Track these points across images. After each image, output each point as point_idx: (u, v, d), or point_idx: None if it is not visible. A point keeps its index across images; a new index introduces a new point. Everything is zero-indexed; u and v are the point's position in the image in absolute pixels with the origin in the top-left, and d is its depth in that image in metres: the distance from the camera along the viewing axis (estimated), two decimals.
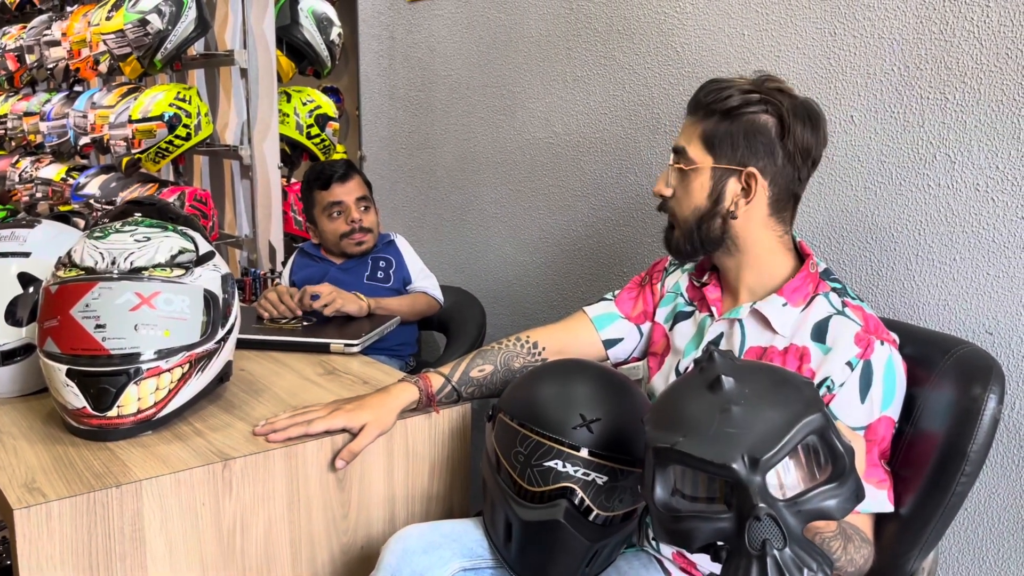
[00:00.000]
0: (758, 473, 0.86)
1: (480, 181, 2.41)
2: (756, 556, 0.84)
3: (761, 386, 0.93)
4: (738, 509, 0.86)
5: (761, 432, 0.87)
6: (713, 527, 0.88)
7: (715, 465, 0.86)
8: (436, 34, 2.53)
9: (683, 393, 0.96)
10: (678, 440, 0.89)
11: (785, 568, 0.84)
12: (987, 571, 1.45)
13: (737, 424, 0.88)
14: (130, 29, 2.57)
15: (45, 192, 3.76)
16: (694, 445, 0.88)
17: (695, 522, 0.89)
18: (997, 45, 1.36)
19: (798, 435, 0.88)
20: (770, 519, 0.85)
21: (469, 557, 1.27)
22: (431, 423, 1.45)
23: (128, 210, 1.69)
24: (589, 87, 2.07)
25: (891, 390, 1.19)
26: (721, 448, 0.87)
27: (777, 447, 0.86)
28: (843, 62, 1.56)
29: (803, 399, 0.91)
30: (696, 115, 1.27)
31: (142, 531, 1.18)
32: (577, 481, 1.17)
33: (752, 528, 0.85)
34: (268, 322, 1.92)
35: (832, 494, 0.89)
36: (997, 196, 1.38)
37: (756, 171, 1.23)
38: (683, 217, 1.29)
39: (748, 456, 0.86)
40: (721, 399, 0.91)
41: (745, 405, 0.90)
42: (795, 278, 1.26)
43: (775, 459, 0.86)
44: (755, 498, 0.85)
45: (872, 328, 1.21)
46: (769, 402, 0.90)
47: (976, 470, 1.19)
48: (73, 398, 1.27)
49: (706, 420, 0.90)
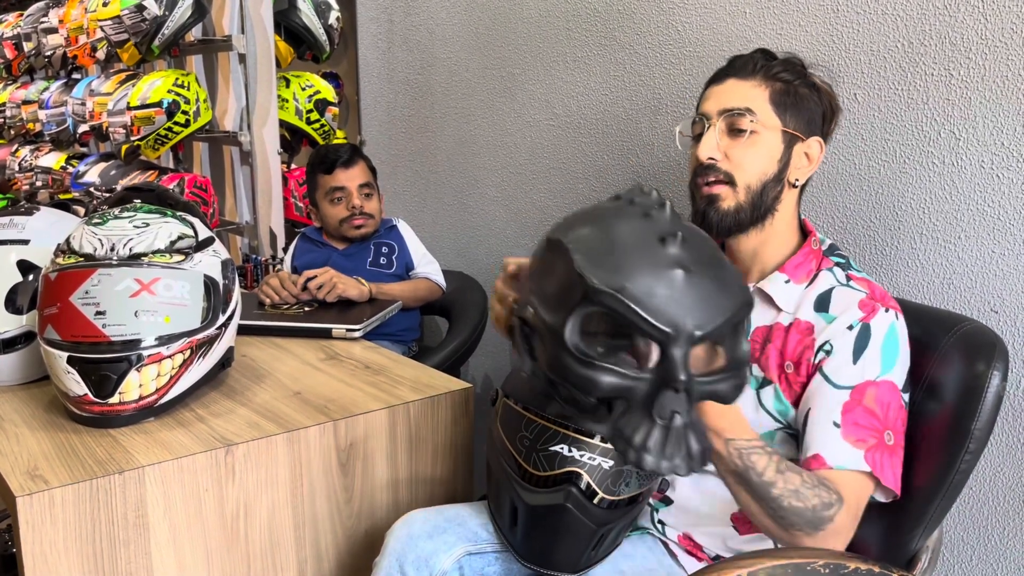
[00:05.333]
0: (690, 346, 0.83)
1: (480, 164, 2.40)
2: (662, 424, 0.84)
3: (705, 256, 0.89)
4: (660, 376, 0.84)
5: (702, 306, 0.84)
6: (623, 384, 0.84)
7: (655, 327, 0.82)
8: (435, 17, 2.51)
9: (627, 234, 0.88)
10: (624, 287, 0.83)
11: (681, 440, 0.84)
12: (992, 550, 1.45)
13: (680, 290, 0.84)
14: (127, 15, 2.56)
15: (45, 181, 3.76)
16: (637, 298, 0.82)
17: (605, 374, 0.84)
18: (1002, 20, 1.34)
19: (733, 320, 0.86)
20: (685, 393, 0.84)
21: (474, 541, 1.27)
22: (435, 407, 1.45)
23: (127, 196, 1.69)
24: (589, 68, 2.05)
25: (891, 356, 1.16)
26: (666, 312, 0.82)
27: (716, 325, 0.84)
28: (846, 39, 1.54)
29: (740, 287, 0.90)
30: (753, 78, 1.22)
31: (145, 517, 1.18)
32: (583, 465, 1.16)
33: (666, 397, 0.84)
34: (269, 308, 1.91)
35: (726, 380, 0.88)
36: (1003, 173, 1.37)
37: (822, 141, 1.24)
38: (747, 183, 1.20)
39: (687, 329, 0.82)
40: (671, 259, 0.85)
41: (693, 274, 0.85)
42: (797, 254, 1.25)
43: (710, 336, 0.84)
44: (680, 370, 0.83)
45: (878, 296, 1.19)
46: (712, 278, 0.86)
47: (980, 447, 1.18)
48: (74, 385, 1.27)
49: (651, 273, 0.84)
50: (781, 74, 1.23)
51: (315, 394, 1.45)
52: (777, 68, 1.24)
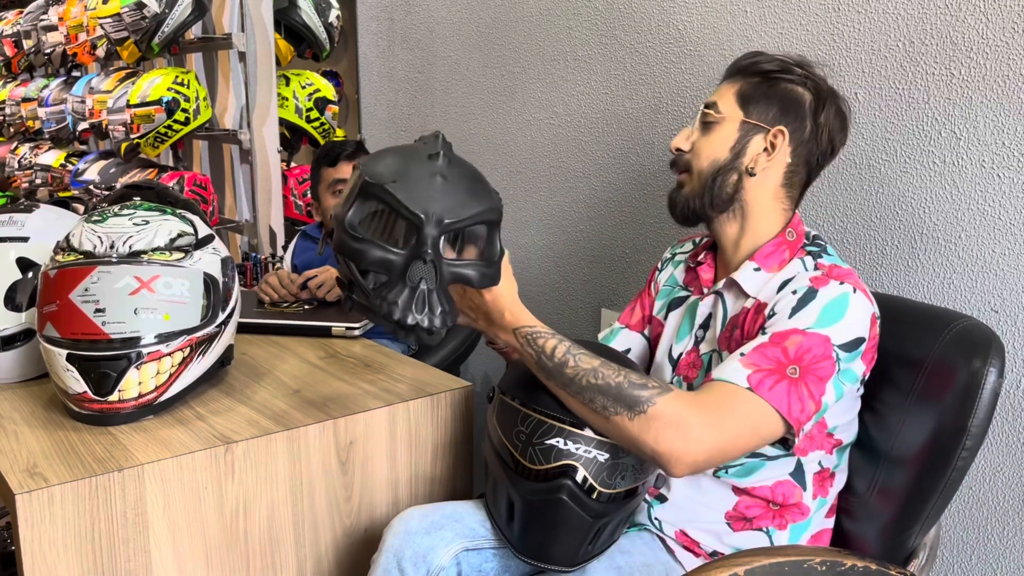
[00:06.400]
0: (437, 230, 1.09)
1: (480, 163, 2.40)
2: (410, 286, 1.10)
3: (465, 172, 1.16)
4: (412, 250, 1.10)
5: (452, 203, 1.11)
6: (383, 256, 1.10)
7: (410, 211, 1.08)
8: (435, 15, 2.51)
9: (407, 152, 1.16)
10: (392, 183, 1.10)
11: (426, 301, 1.11)
12: (991, 549, 1.45)
13: (437, 190, 1.11)
14: (127, 13, 2.56)
15: (44, 178, 3.75)
16: (400, 191, 1.09)
17: (372, 247, 1.10)
18: (1003, 20, 1.34)
19: (476, 217, 1.13)
20: (432, 264, 1.10)
21: (471, 538, 1.27)
22: (434, 406, 1.45)
23: (127, 194, 1.69)
24: (590, 66, 2.05)
25: (833, 316, 1.13)
26: (421, 202, 1.09)
27: (459, 218, 1.11)
28: (847, 38, 1.54)
29: (491, 198, 1.16)
30: (734, 77, 1.29)
31: (145, 515, 1.18)
32: (579, 459, 1.17)
33: (416, 265, 1.10)
34: (269, 306, 1.91)
35: (476, 268, 1.15)
36: (1003, 173, 1.37)
37: (786, 130, 1.23)
38: (699, 169, 1.27)
39: (436, 215, 1.09)
40: (432, 168, 1.12)
41: (448, 180, 1.12)
42: (768, 244, 1.26)
43: (453, 225, 1.11)
44: (427, 246, 1.09)
45: (835, 274, 1.18)
46: (465, 187, 1.14)
47: (977, 445, 1.18)
48: (74, 383, 1.27)
49: (415, 177, 1.11)
50: (757, 68, 1.26)
51: (315, 392, 1.45)
52: (754, 64, 1.26)
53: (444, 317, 1.12)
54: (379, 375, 1.54)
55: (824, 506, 1.27)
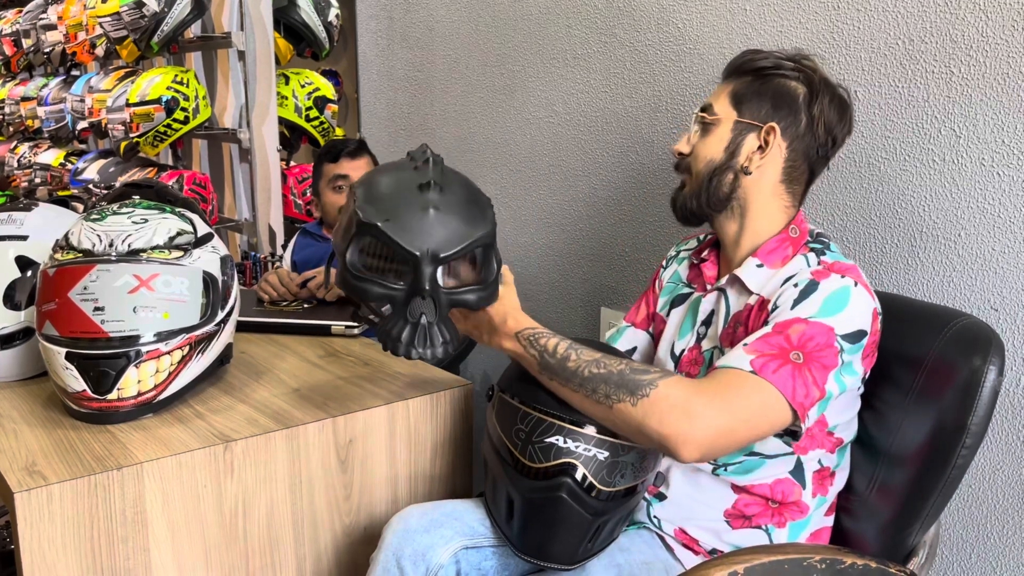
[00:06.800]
0: (432, 266, 1.12)
1: (480, 162, 2.40)
2: (411, 322, 1.13)
3: (457, 197, 1.17)
4: (411, 286, 1.13)
5: (446, 235, 1.12)
6: (385, 292, 1.14)
7: (405, 250, 1.11)
8: (434, 14, 2.50)
9: (398, 182, 1.17)
10: (385, 220, 1.12)
11: (427, 335, 1.13)
12: (991, 547, 1.45)
13: (430, 223, 1.12)
14: (126, 11, 2.55)
15: (44, 177, 3.75)
16: (394, 229, 1.11)
17: (373, 285, 1.14)
18: (1003, 17, 1.34)
19: (471, 246, 1.14)
20: (431, 299, 1.13)
21: (470, 536, 1.27)
22: (433, 404, 1.45)
23: (126, 192, 1.68)
24: (589, 65, 2.05)
25: (835, 306, 1.13)
26: (415, 240, 1.11)
27: (454, 250, 1.13)
28: (846, 36, 1.54)
29: (484, 221, 1.17)
30: (729, 78, 1.30)
31: (144, 514, 1.18)
32: (579, 457, 1.17)
33: (415, 302, 1.13)
34: (269, 304, 1.91)
35: (473, 292, 1.18)
36: (1003, 171, 1.37)
37: (776, 127, 1.23)
38: (696, 171, 1.28)
39: (431, 251, 1.11)
40: (424, 200, 1.13)
41: (441, 210, 1.13)
42: (771, 240, 1.26)
43: (449, 258, 1.13)
44: (425, 282, 1.12)
45: (837, 268, 1.18)
46: (458, 215, 1.15)
47: (977, 443, 1.18)
48: (73, 381, 1.26)
49: (408, 213, 1.13)
50: (750, 66, 1.26)
51: (314, 391, 1.45)
52: (747, 62, 1.27)
53: (446, 347, 1.15)
54: (378, 373, 1.54)
55: (824, 505, 1.27)
